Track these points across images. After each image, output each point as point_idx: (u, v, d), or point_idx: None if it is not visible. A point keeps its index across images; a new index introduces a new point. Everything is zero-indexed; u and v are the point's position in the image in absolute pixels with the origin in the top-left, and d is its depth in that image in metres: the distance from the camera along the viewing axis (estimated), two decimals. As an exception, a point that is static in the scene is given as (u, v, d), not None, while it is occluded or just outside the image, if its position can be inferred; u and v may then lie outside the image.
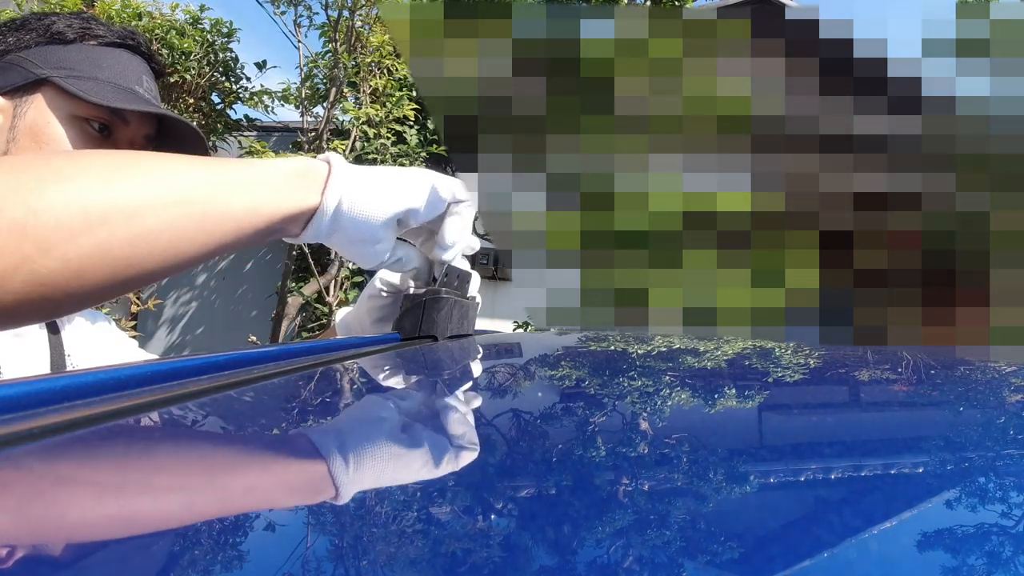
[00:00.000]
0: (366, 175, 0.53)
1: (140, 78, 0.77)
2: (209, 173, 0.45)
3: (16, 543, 0.16)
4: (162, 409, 0.29)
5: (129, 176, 0.41)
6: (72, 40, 0.74)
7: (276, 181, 0.48)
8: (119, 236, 0.40)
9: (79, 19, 0.76)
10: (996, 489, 0.21)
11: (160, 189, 0.42)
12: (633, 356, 0.50)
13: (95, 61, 0.73)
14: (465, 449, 0.25)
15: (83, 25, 0.75)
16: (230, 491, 0.21)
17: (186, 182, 0.43)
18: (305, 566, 0.15)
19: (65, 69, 0.71)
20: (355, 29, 4.20)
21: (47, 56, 0.72)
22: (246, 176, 0.46)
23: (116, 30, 0.78)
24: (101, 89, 0.71)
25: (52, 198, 0.37)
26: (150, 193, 0.41)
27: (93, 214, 0.39)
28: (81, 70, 0.72)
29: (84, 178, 0.39)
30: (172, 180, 0.43)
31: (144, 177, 0.42)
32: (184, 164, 0.44)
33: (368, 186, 0.53)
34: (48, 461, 0.22)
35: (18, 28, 0.74)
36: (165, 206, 0.41)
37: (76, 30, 0.74)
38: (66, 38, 0.74)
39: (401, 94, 4.19)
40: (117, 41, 0.77)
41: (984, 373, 0.43)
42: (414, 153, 4.27)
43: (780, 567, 0.16)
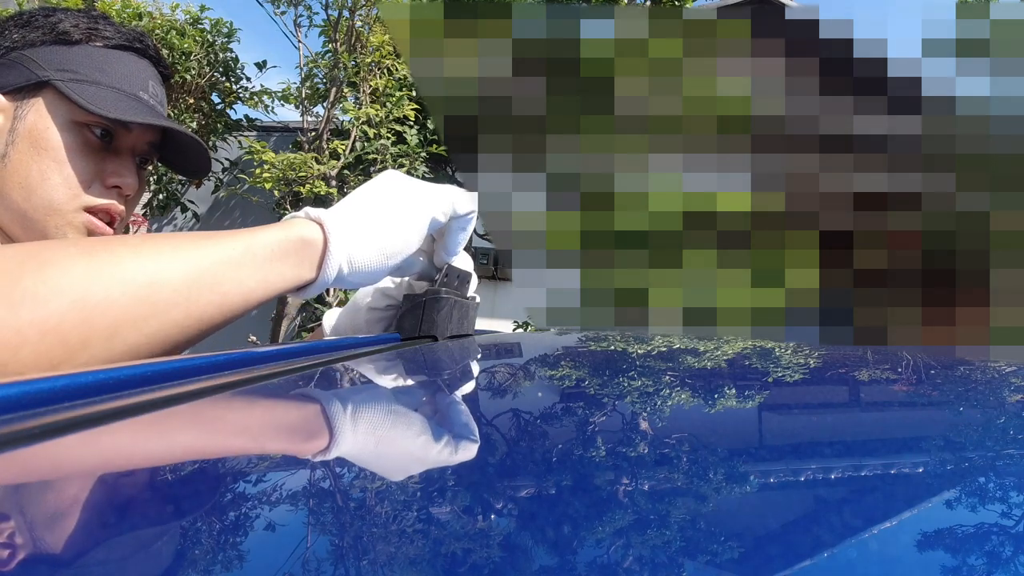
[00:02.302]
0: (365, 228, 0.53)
1: (146, 83, 0.75)
2: (197, 261, 0.44)
3: (16, 543, 0.16)
4: (162, 409, 0.29)
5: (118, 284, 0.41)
6: (78, 41, 0.72)
7: (266, 260, 0.47)
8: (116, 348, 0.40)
9: (87, 18, 0.74)
10: (996, 489, 0.21)
11: (149, 297, 0.42)
12: (633, 356, 0.50)
13: (100, 64, 0.71)
14: (465, 449, 0.25)
15: (90, 25, 0.73)
16: (230, 491, 0.21)
17: (174, 281, 0.43)
18: (305, 566, 0.15)
19: (68, 72, 0.69)
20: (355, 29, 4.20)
21: (51, 57, 0.70)
22: (236, 260, 0.46)
23: (124, 32, 0.76)
24: (103, 96, 0.69)
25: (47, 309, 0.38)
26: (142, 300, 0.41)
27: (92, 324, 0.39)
28: (84, 73, 0.70)
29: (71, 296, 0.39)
30: (157, 285, 0.42)
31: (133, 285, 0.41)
32: (167, 255, 0.44)
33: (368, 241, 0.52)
34: (48, 461, 0.22)
35: (24, 24, 0.72)
36: (155, 315, 0.42)
37: (82, 30, 0.72)
38: (72, 38, 0.71)
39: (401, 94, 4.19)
40: (124, 44, 0.75)
41: (984, 373, 0.43)
42: (414, 153, 4.27)
43: (780, 567, 0.16)
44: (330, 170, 3.96)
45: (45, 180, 0.67)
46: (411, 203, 0.56)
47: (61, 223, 0.68)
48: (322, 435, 0.28)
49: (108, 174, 0.71)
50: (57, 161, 0.68)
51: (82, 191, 0.69)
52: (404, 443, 0.26)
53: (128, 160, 0.73)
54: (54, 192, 0.67)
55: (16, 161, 0.67)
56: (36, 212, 0.67)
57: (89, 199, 0.69)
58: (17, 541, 0.16)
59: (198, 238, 0.45)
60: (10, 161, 0.67)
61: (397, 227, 0.55)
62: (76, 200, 0.68)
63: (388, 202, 0.55)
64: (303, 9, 4.32)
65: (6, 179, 0.67)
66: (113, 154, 0.72)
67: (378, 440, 0.27)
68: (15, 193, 0.67)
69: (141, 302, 0.41)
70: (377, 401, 0.37)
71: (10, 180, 0.67)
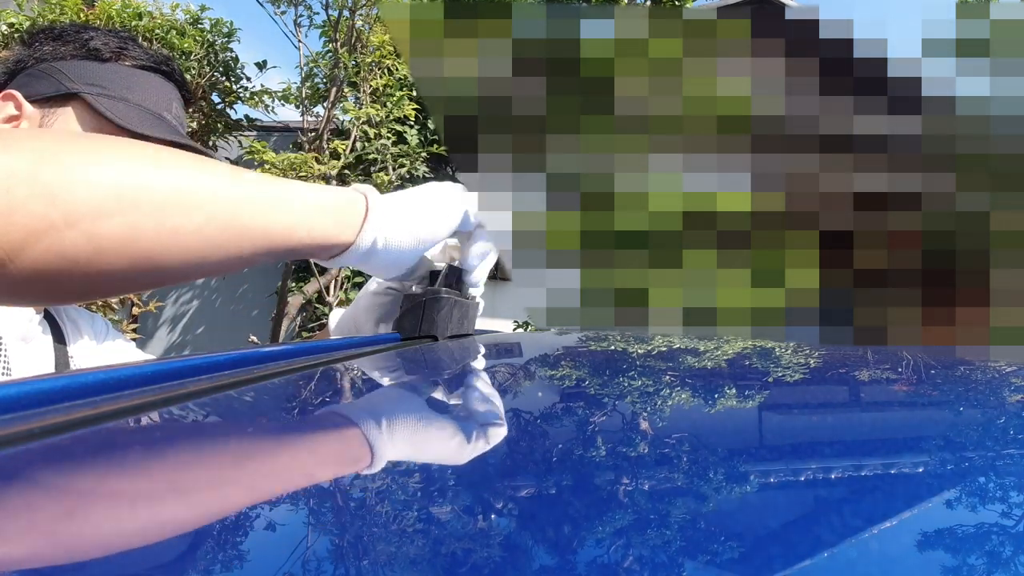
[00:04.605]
0: (403, 211, 0.54)
1: (170, 104, 0.77)
2: (251, 185, 0.44)
3: (16, 543, 0.16)
4: (162, 409, 0.29)
5: (172, 169, 0.41)
6: (108, 59, 0.74)
7: (315, 207, 0.47)
8: (148, 225, 0.39)
9: (117, 38, 0.76)
10: (996, 489, 0.21)
11: (199, 189, 0.41)
12: (633, 356, 0.50)
13: (127, 83, 0.73)
14: (465, 449, 0.25)
15: (120, 44, 0.75)
16: (230, 491, 0.21)
17: (227, 188, 0.42)
18: (305, 566, 0.15)
19: (97, 87, 0.71)
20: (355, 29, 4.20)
21: (81, 71, 0.72)
22: (287, 195, 0.46)
23: (152, 54, 0.78)
24: (130, 112, 0.71)
25: (88, 172, 0.37)
26: (188, 190, 0.40)
27: (126, 197, 0.38)
28: (113, 90, 0.72)
29: (125, 161, 0.39)
30: (213, 183, 0.42)
31: (187, 174, 0.41)
32: (226, 170, 0.44)
33: (404, 224, 0.53)
34: (48, 461, 0.22)
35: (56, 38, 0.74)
36: (200, 207, 0.41)
37: (112, 49, 0.74)
38: (102, 56, 0.74)
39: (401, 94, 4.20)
40: (151, 65, 0.77)
41: (984, 373, 0.43)
42: (414, 153, 4.27)
43: (780, 567, 0.16)
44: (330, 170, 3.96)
45: None
46: (447, 198, 0.58)
47: None
48: (322, 435, 0.28)
49: None
50: None
51: None
52: (404, 443, 0.26)
53: None
54: None
55: None
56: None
57: None
58: (17, 541, 0.16)
59: (253, 173, 0.45)
60: None
61: (431, 214, 0.56)
62: None
63: (426, 194, 0.58)
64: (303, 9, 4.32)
65: None
66: None
67: (378, 440, 0.27)
68: None
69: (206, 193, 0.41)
70: (377, 401, 0.37)
71: None
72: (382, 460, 0.24)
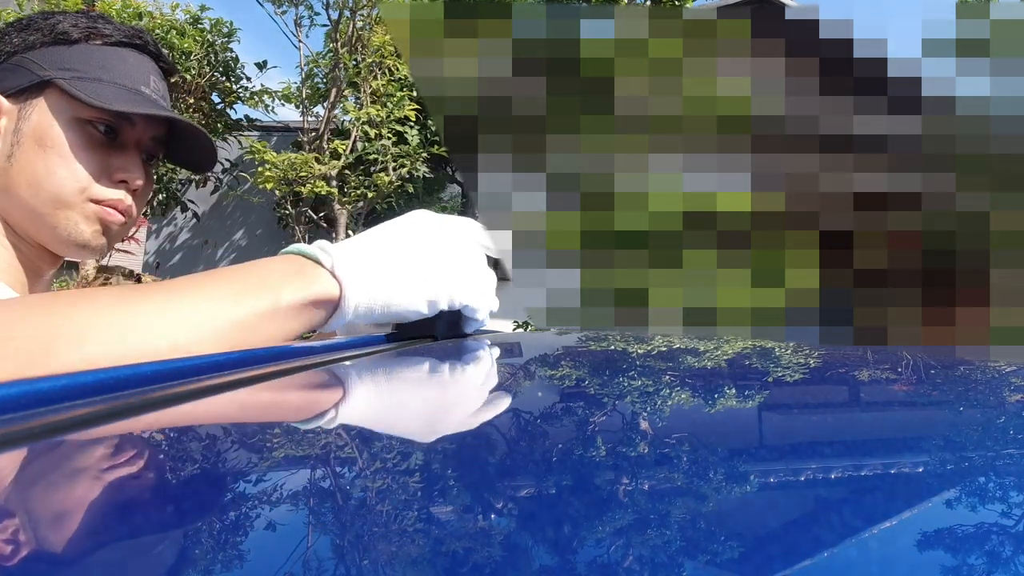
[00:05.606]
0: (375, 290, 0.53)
1: (147, 78, 0.76)
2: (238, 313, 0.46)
3: (16, 543, 0.16)
4: (162, 409, 0.29)
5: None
6: (77, 40, 0.72)
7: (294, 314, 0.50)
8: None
9: (85, 18, 0.75)
10: (996, 489, 0.21)
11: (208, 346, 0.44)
12: (633, 356, 0.50)
13: (100, 61, 0.72)
14: (465, 448, 0.25)
15: (89, 24, 0.74)
16: (230, 490, 0.21)
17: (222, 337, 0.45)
18: (305, 566, 0.15)
19: (69, 70, 0.70)
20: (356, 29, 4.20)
21: (51, 57, 0.71)
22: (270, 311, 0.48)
23: (123, 29, 0.77)
24: (105, 91, 0.70)
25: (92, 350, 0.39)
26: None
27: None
28: (86, 71, 0.71)
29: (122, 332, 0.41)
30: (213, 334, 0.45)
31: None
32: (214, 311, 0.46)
33: (375, 300, 0.54)
34: (48, 461, 0.22)
35: (23, 28, 0.73)
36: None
37: (81, 30, 0.73)
38: (71, 38, 0.72)
39: (402, 94, 4.20)
40: (124, 40, 0.75)
41: (984, 373, 0.43)
42: (415, 153, 4.27)
43: (780, 567, 0.16)
44: (331, 170, 3.96)
45: (51, 175, 0.68)
46: (426, 268, 0.56)
47: (72, 215, 0.69)
48: (321, 435, 0.28)
49: (114, 169, 0.71)
50: (63, 156, 0.68)
51: (88, 185, 0.69)
52: (404, 443, 0.26)
53: (134, 155, 0.74)
54: (61, 186, 0.68)
55: (22, 160, 0.68)
56: (44, 207, 0.68)
57: (97, 192, 0.70)
58: (17, 540, 0.16)
59: (226, 291, 0.47)
60: (16, 161, 0.68)
61: (407, 292, 0.55)
62: (84, 193, 0.69)
63: (406, 259, 0.55)
64: (304, 9, 4.32)
65: (14, 179, 0.68)
66: (118, 149, 0.73)
67: (377, 439, 0.27)
68: (23, 191, 0.68)
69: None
70: (377, 400, 0.37)
71: (18, 179, 0.68)
72: (382, 459, 0.24)
